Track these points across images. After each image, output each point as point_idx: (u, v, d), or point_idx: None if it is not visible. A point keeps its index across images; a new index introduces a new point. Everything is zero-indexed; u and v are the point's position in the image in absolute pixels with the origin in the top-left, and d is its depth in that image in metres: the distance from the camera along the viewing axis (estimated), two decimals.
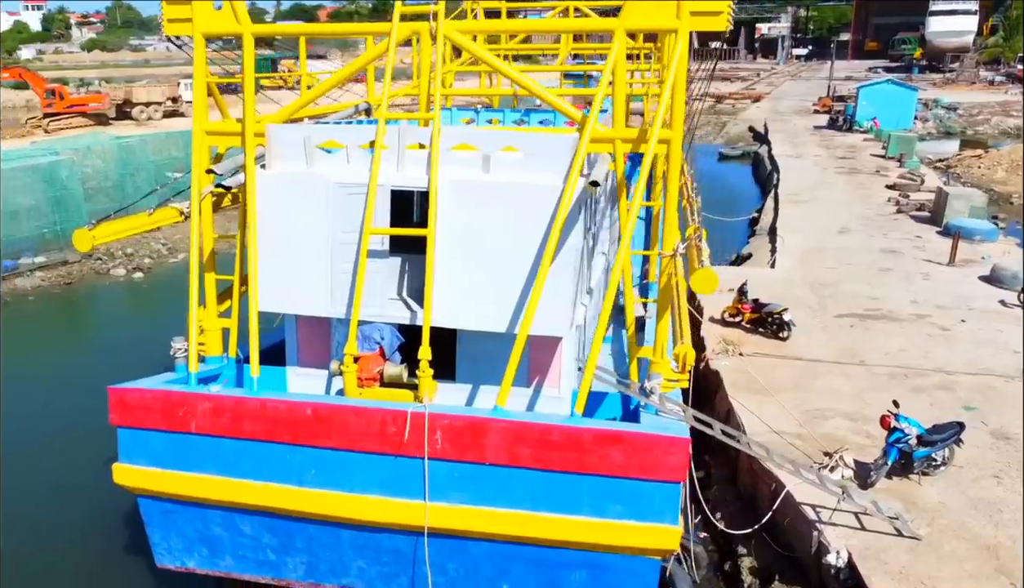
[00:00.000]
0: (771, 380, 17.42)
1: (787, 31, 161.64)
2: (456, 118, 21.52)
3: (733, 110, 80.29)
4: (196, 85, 12.48)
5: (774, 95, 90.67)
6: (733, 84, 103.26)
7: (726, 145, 62.45)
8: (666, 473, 10.38)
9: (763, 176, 48.75)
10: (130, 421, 11.51)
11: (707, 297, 22.30)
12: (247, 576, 12.21)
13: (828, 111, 66.58)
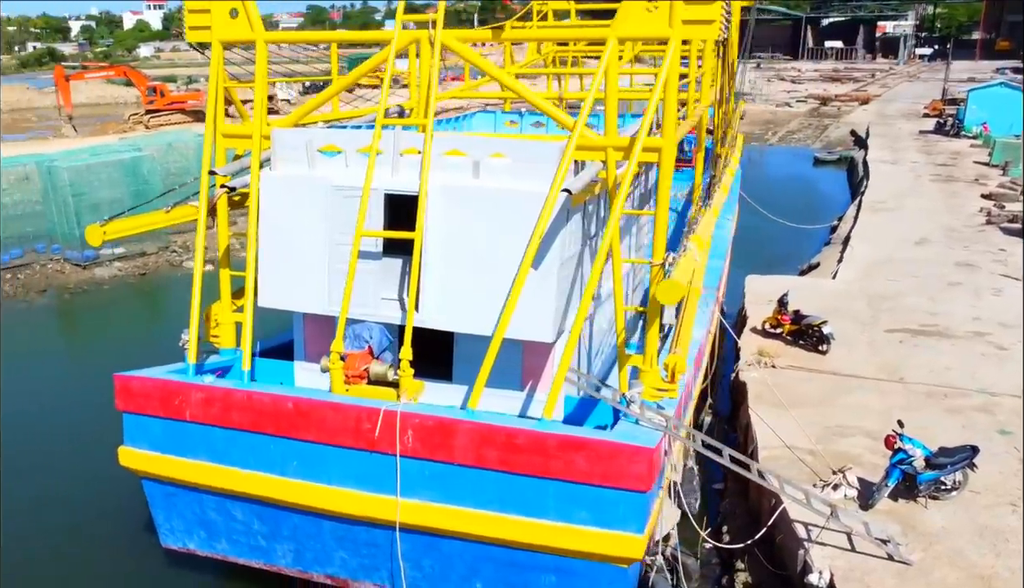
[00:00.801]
0: (799, 394, 17.22)
1: (911, 29, 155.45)
2: (500, 121, 22.00)
3: (838, 113, 78.04)
4: (211, 89, 13.29)
5: (886, 97, 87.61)
6: (843, 85, 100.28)
7: (823, 149, 60.84)
8: (630, 482, 10.55)
9: (856, 182, 47.41)
10: (133, 407, 12.39)
11: (752, 307, 22.16)
12: (242, 560, 12.94)
13: (939, 115, 64.02)
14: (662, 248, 12.16)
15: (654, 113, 11.76)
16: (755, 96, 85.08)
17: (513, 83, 12.66)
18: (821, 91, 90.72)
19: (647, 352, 12.48)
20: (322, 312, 12.59)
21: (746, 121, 73.38)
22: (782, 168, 57.27)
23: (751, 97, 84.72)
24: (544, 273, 11.63)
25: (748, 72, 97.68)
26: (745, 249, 32.91)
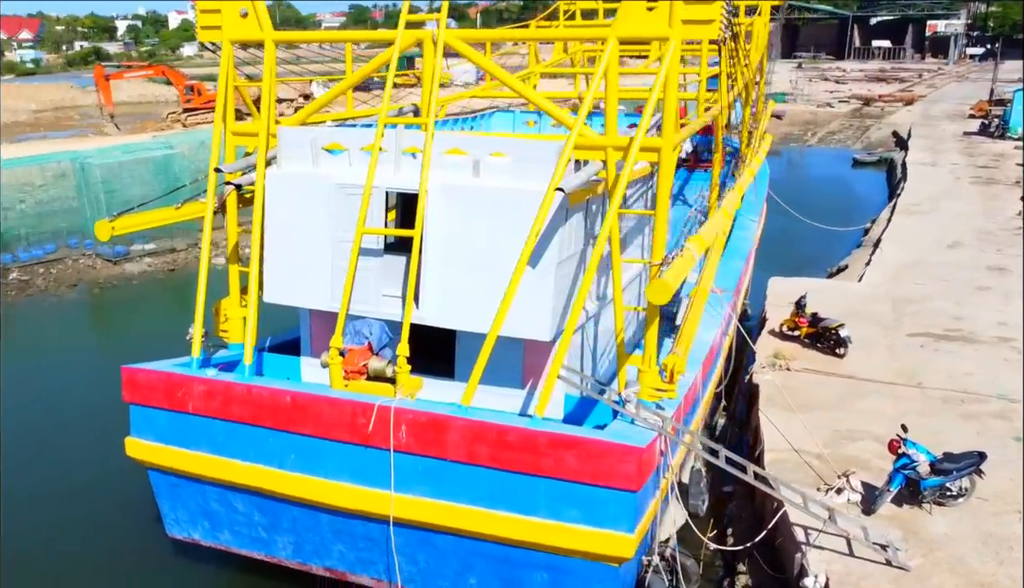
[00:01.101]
0: (812, 397, 17.12)
1: (962, 28, 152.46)
2: (520, 121, 22.16)
3: (881, 113, 76.89)
4: (220, 87, 13.60)
5: (931, 98, 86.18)
6: (889, 85, 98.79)
7: (863, 150, 60.05)
8: (619, 481, 10.63)
9: (894, 184, 46.79)
10: (139, 399, 12.73)
11: (773, 309, 22.04)
12: (244, 551, 13.23)
13: (984, 116, 62.82)
14: (662, 248, 12.21)
15: (652, 113, 11.78)
16: (796, 96, 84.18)
17: (514, 82, 12.76)
18: (865, 91, 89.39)
19: (646, 352, 12.53)
20: (325, 308, 12.83)
21: (785, 121, 72.80)
22: (820, 169, 56.73)
23: (792, 97, 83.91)
24: (542, 272, 11.75)
25: (790, 72, 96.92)
26: (774, 251, 32.71)
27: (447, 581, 12.07)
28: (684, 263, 11.42)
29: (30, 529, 14.88)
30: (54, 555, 14.32)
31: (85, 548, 14.55)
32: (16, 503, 15.56)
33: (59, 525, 15.04)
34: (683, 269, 11.25)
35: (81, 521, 15.15)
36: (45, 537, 14.72)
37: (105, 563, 14.22)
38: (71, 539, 14.77)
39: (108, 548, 14.53)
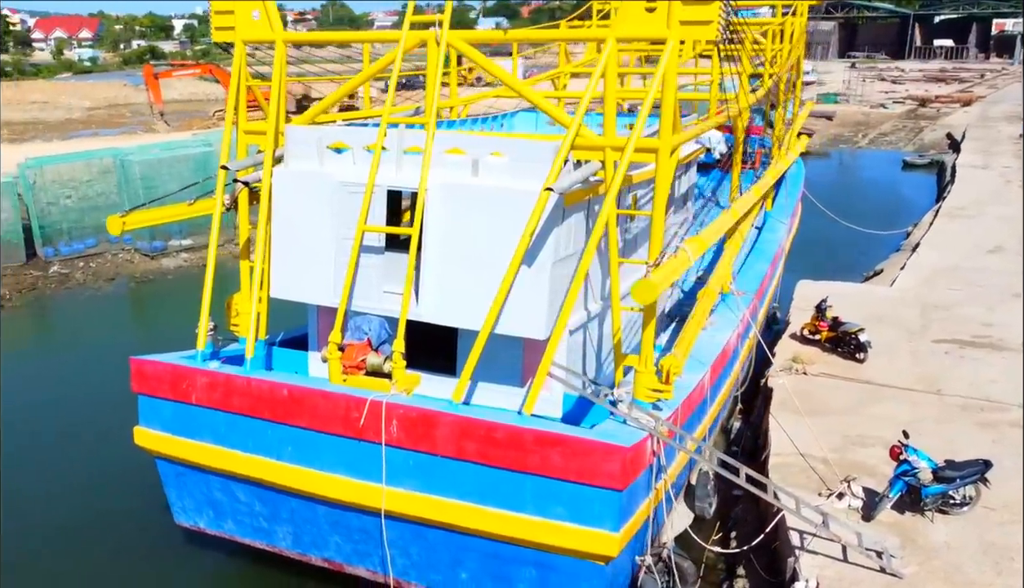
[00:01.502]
0: (826, 402, 17.03)
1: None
2: (542, 121, 22.24)
3: (936, 115, 75.41)
4: (232, 86, 14.02)
5: (991, 99, 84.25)
6: (948, 86, 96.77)
7: (915, 152, 58.96)
8: (604, 479, 10.77)
9: (943, 187, 45.95)
10: (146, 389, 13.19)
11: (797, 313, 21.90)
12: (246, 540, 13.62)
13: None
14: (658, 247, 12.29)
15: (648, 113, 11.88)
16: (849, 97, 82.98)
17: (513, 82, 12.96)
18: (922, 92, 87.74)
19: (642, 353, 12.61)
20: (328, 304, 13.13)
21: (836, 122, 71.85)
22: (868, 172, 55.90)
23: (844, 98, 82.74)
24: (538, 270, 11.91)
25: (844, 71, 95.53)
26: (811, 254, 32.45)
27: (439, 575, 12.31)
28: (675, 264, 11.50)
29: (48, 514, 15.45)
30: (71, 538, 14.84)
31: (100, 531, 15.03)
32: (38, 488, 16.17)
33: (77, 510, 15.57)
34: (673, 271, 11.33)
35: (99, 508, 15.66)
36: (62, 522, 15.26)
37: (117, 547, 14.69)
38: (88, 523, 15.27)
39: (121, 533, 14.99)
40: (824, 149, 65.14)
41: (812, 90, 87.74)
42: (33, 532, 14.91)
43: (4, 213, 29.71)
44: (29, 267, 30.03)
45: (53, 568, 14.13)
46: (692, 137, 14.09)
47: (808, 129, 66.72)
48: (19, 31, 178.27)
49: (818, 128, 69.56)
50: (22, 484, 16.30)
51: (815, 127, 69.08)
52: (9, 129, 63.46)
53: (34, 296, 28.26)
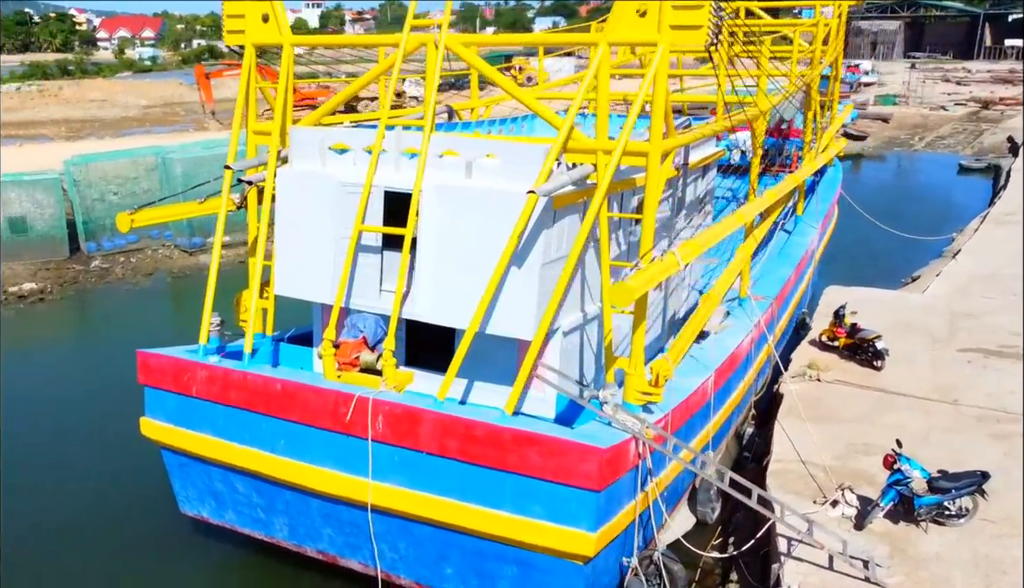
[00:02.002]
0: (837, 409, 16.95)
1: None
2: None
3: (1000, 117, 73.52)
4: (241, 88, 14.51)
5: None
6: (1015, 87, 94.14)
7: (972, 156, 57.68)
8: (579, 480, 10.95)
9: (997, 192, 44.95)
10: (151, 381, 13.72)
11: (820, 319, 21.73)
12: (246, 531, 14.06)
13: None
14: (648, 251, 12.40)
15: (636, 116, 12.02)
16: (908, 98, 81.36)
17: (509, 86, 13.18)
18: (987, 93, 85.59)
19: (632, 356, 12.76)
20: (327, 302, 13.51)
21: (892, 124, 70.58)
22: (922, 176, 54.92)
23: (904, 99, 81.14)
24: (527, 272, 12.12)
25: (904, 72, 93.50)
26: (852, 259, 32.17)
27: (426, 570, 12.60)
28: (657, 269, 11.61)
29: (67, 503, 16.12)
30: (85, 527, 15.46)
31: (115, 519, 15.62)
32: (62, 476, 16.88)
33: (89, 500, 16.22)
34: (654, 275, 11.45)
35: (114, 495, 16.28)
36: (75, 512, 15.90)
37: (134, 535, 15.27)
38: (105, 510, 15.89)
39: (135, 521, 15.57)
40: (879, 152, 64.09)
41: (871, 91, 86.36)
42: (57, 516, 15.56)
43: (49, 209, 30.82)
44: (72, 261, 31.13)
45: (83, 545, 14.77)
46: (688, 141, 14.12)
47: (862, 131, 65.80)
48: (84, 31, 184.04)
49: (873, 130, 68.44)
50: (48, 471, 17.03)
51: (870, 129, 67.98)
52: (68, 127, 65.63)
53: (75, 290, 29.29)
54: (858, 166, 60.60)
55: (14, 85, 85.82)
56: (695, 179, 18.20)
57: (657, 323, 16.30)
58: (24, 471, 16.97)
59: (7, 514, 15.51)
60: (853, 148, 63.45)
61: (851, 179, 56.30)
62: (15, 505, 15.80)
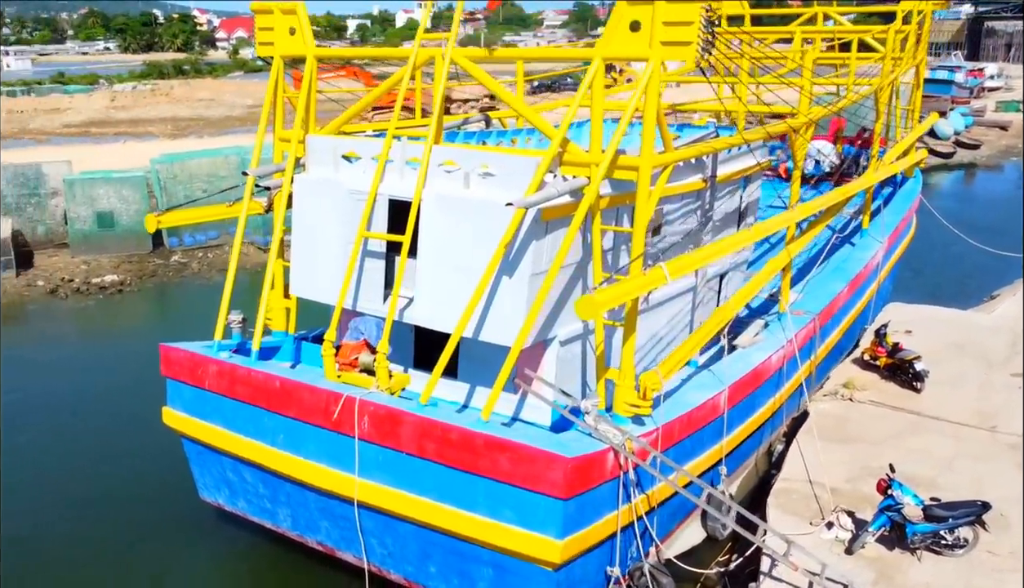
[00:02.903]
0: (862, 430, 16.76)
1: None
2: (608, 132, 22.65)
3: None
4: (267, 97, 15.40)
5: None
6: None
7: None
8: (546, 487, 11.33)
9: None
10: (172, 374, 14.73)
11: (870, 337, 21.34)
12: (255, 519, 14.92)
13: None
14: (638, 264, 12.62)
15: (624, 129, 12.29)
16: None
17: (508, 97, 13.62)
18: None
19: (621, 367, 13.01)
20: (335, 304, 14.23)
21: (1010, 133, 67.51)
22: None
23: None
24: (516, 282, 12.53)
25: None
26: (933, 274, 31.25)
27: (412, 566, 13.17)
28: (630, 283, 11.85)
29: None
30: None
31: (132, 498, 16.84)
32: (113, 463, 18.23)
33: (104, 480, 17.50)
34: (626, 290, 11.69)
35: (145, 476, 17.47)
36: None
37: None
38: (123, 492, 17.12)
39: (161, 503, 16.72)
40: (995, 162, 61.57)
41: (994, 97, 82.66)
42: (95, 492, 16.85)
43: (135, 205, 32.77)
44: (153, 255, 33.03)
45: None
46: (683, 157, 13.93)
47: (975, 139, 63.25)
48: (205, 31, 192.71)
49: (990, 138, 65.69)
50: (95, 452, 18.44)
51: (986, 137, 65.27)
52: (174, 125, 69.13)
53: (152, 283, 31.14)
54: (971, 177, 58.43)
55: (130, 84, 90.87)
56: (730, 191, 18.16)
57: (683, 336, 16.37)
58: (77, 454, 18.42)
59: (64, 487, 17.01)
60: (965, 157, 61.19)
61: (960, 191, 54.37)
62: (71, 479, 17.31)
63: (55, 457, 18.43)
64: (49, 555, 15.17)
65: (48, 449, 18.78)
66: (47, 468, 17.92)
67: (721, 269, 18.23)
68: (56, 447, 18.86)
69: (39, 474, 17.66)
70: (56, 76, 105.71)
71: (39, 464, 18.07)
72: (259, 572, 15.49)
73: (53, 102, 78.58)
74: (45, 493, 16.96)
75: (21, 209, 32.99)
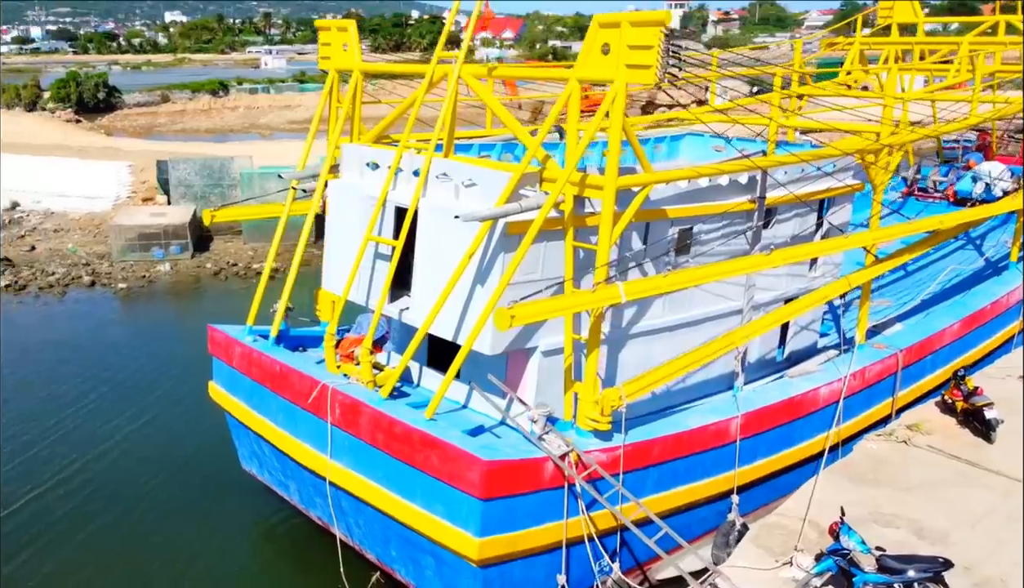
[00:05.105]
0: (900, 475, 16.18)
1: None
2: (707, 145, 22.77)
3: None
4: (320, 106, 17.24)
5: None
6: None
7: None
8: (466, 486, 12.32)
9: None
10: (215, 353, 16.89)
11: (981, 379, 20.18)
12: (279, 491, 16.78)
13: None
14: (602, 275, 13.17)
15: (583, 149, 12.95)
16: None
17: (506, 116, 14.56)
18: None
19: (584, 381, 13.63)
20: (353, 300, 15.80)
21: None
22: None
23: None
24: (485, 292, 13.53)
25: None
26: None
27: (380, 548, 14.52)
28: (555, 302, 12.55)
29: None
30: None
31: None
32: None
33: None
34: (550, 307, 12.37)
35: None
36: None
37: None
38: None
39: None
40: None
41: None
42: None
43: None
44: (314, 246, 36.24)
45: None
46: (647, 181, 13.97)
47: None
48: (453, 31, 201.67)
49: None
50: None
51: None
52: (372, 123, 74.13)
53: (303, 271, 34.16)
54: None
55: None
56: (799, 214, 17.90)
57: (725, 360, 16.57)
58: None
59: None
60: None
61: None
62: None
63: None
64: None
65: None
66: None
67: (782, 294, 18.03)
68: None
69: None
70: (298, 74, 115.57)
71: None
72: (279, 540, 17.41)
73: (286, 99, 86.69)
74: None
75: (206, 198, 37.42)
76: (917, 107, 26.69)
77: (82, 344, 27.26)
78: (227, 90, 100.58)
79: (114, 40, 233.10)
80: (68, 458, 19.83)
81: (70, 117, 79.75)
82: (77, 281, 33.60)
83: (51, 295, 32.45)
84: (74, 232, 39.20)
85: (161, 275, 33.97)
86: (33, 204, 42.51)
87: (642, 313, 15.48)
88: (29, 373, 24.85)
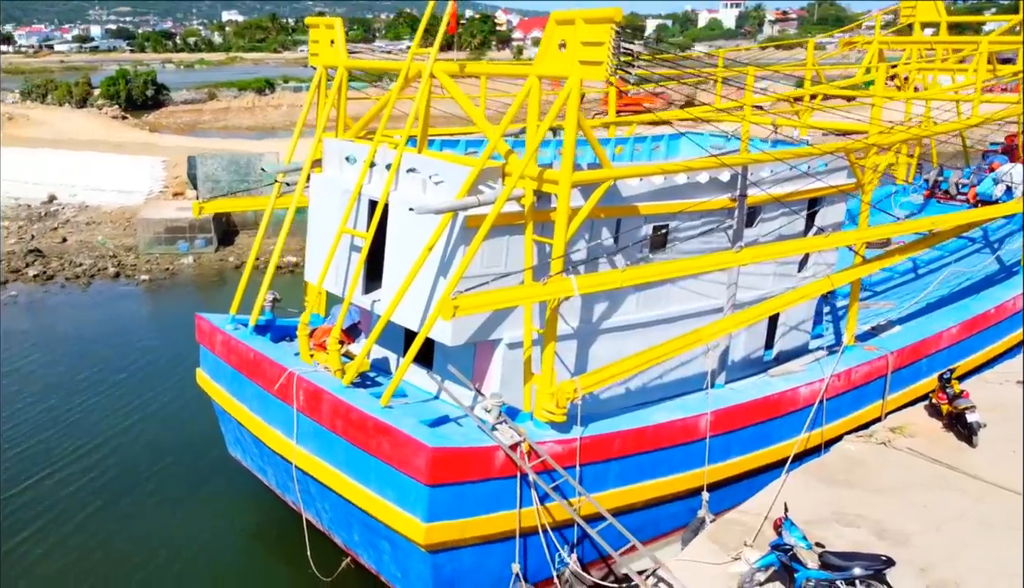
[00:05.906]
0: (872, 477, 16.26)
1: None
2: (706, 143, 22.90)
3: None
4: (307, 102, 17.79)
5: None
6: None
7: None
8: (412, 471, 12.74)
9: None
10: (202, 341, 17.53)
11: (977, 384, 20.10)
12: (259, 476, 17.35)
13: None
14: (557, 268, 13.47)
15: (537, 144, 13.28)
16: None
17: (478, 116, 14.93)
18: None
19: (542, 373, 13.95)
20: (330, 290, 16.32)
21: None
22: None
23: None
24: (445, 284, 13.93)
25: None
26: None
27: (345, 533, 14.99)
28: (503, 293, 12.87)
29: None
30: None
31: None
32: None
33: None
34: (494, 299, 12.69)
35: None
36: None
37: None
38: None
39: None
40: None
41: None
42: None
43: None
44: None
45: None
46: (602, 177, 13.99)
47: None
48: (504, 31, 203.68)
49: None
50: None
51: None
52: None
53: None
54: None
55: None
56: (784, 213, 18.01)
57: (701, 357, 16.80)
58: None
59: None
60: None
61: None
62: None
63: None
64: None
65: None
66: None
67: (767, 293, 18.09)
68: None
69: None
70: None
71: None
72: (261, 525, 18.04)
73: None
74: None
75: (233, 192, 38.40)
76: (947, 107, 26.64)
77: (98, 334, 28.35)
78: (272, 88, 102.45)
79: (170, 39, 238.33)
80: (77, 442, 20.92)
81: (116, 114, 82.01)
82: (102, 272, 34.85)
83: (76, 286, 33.71)
84: (105, 225, 40.53)
85: (184, 268, 35.00)
86: (69, 197, 44.01)
87: (614, 308, 15.74)
88: (41, 361, 25.97)
